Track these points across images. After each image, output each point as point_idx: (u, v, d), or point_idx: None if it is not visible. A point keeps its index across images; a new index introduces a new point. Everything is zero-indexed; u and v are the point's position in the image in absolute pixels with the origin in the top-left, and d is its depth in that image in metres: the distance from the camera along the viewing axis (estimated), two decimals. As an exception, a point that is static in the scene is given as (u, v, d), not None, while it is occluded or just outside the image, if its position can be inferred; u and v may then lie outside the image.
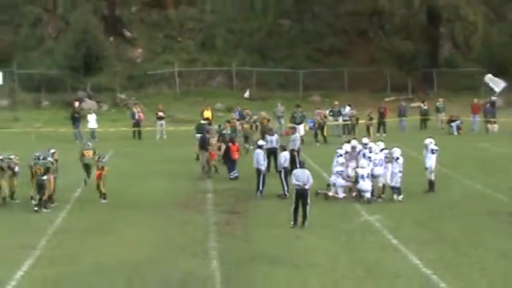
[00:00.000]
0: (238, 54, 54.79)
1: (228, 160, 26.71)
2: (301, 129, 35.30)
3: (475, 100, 41.80)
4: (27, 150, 25.19)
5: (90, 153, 25.93)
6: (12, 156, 22.68)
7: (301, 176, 19.41)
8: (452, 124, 39.68)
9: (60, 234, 18.99)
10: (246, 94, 51.15)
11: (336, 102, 40.80)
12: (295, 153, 25.92)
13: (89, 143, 28.13)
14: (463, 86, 50.60)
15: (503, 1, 58.89)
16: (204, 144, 27.06)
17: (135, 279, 15.20)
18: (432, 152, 23.39)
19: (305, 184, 19.27)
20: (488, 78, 44.52)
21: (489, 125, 40.24)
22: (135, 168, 29.04)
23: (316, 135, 36.51)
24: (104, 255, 16.97)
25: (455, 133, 39.25)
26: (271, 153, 26.19)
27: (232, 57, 54.14)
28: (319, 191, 22.64)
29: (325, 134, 36.57)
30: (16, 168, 22.43)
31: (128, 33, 56.10)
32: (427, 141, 23.69)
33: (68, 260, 16.69)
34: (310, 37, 56.19)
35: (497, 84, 44.04)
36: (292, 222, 19.34)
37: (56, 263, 16.49)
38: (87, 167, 25.71)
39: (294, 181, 19.55)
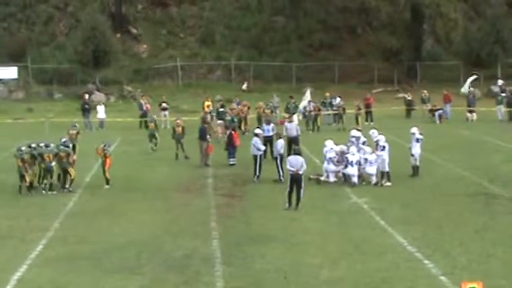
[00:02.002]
0: (236, 49, 54.66)
1: (230, 146, 26.70)
2: (295, 118, 35.25)
3: (444, 91, 41.88)
4: (42, 139, 25.03)
5: (153, 125, 30.61)
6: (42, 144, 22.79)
7: (295, 163, 19.39)
8: (435, 113, 39.70)
9: (72, 217, 19.01)
10: (244, 86, 51.06)
11: (327, 94, 40.81)
12: (299, 139, 26.82)
13: (154, 116, 31.95)
14: (444, 78, 50.51)
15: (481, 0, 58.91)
16: (203, 135, 27.07)
17: (142, 256, 15.23)
18: (417, 140, 23.37)
19: (299, 170, 19.29)
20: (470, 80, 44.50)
21: (468, 114, 40.24)
22: (141, 155, 29.01)
23: (307, 123, 36.54)
24: (113, 235, 16.99)
25: (438, 122, 39.21)
26: (268, 141, 26.20)
27: (230, 52, 54.06)
28: (311, 176, 22.63)
29: (318, 124, 36.66)
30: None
31: (133, 30, 55.96)
32: (413, 130, 23.66)
33: (79, 239, 16.70)
34: (302, 33, 56.02)
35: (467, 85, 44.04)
36: (287, 205, 19.37)
37: (68, 242, 16.49)
38: (151, 137, 29.84)
39: (288, 167, 19.56)
